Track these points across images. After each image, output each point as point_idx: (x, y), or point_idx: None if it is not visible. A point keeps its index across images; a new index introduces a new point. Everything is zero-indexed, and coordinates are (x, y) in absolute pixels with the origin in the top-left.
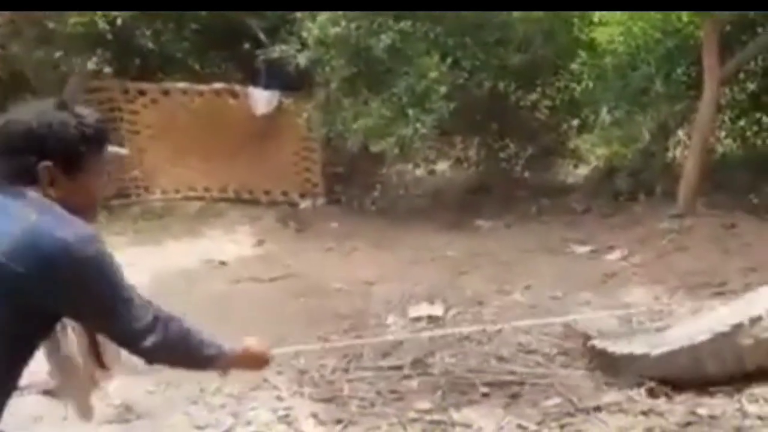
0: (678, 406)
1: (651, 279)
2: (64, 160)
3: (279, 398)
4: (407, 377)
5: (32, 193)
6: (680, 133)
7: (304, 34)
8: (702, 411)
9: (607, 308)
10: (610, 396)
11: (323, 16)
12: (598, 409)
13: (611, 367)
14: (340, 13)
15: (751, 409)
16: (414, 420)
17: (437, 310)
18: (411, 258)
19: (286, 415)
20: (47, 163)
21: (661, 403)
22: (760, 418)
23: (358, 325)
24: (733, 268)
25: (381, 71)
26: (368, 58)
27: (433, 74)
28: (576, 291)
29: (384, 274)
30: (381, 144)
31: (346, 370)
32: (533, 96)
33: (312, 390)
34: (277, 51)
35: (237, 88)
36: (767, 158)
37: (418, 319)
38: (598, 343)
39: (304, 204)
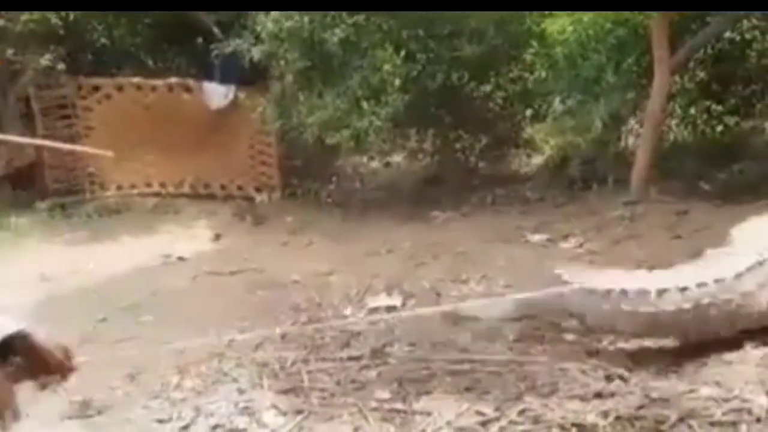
0: (632, 389)
1: (606, 266)
2: None
3: (240, 391)
4: (366, 367)
5: None
6: (632, 121)
7: (258, 28)
8: (655, 394)
9: None
10: (566, 381)
11: None
12: (554, 393)
13: None
14: None
15: (704, 391)
16: (374, 409)
17: (395, 301)
18: (368, 250)
19: (247, 407)
20: None
21: (614, 386)
22: (713, 399)
23: (316, 318)
24: (685, 254)
25: (335, 64)
26: (322, 52)
27: (387, 67)
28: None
29: (341, 266)
30: (336, 137)
31: (306, 362)
32: (487, 87)
33: (272, 382)
34: (231, 45)
35: (191, 82)
36: (718, 145)
37: (376, 310)
38: None
39: (261, 198)
